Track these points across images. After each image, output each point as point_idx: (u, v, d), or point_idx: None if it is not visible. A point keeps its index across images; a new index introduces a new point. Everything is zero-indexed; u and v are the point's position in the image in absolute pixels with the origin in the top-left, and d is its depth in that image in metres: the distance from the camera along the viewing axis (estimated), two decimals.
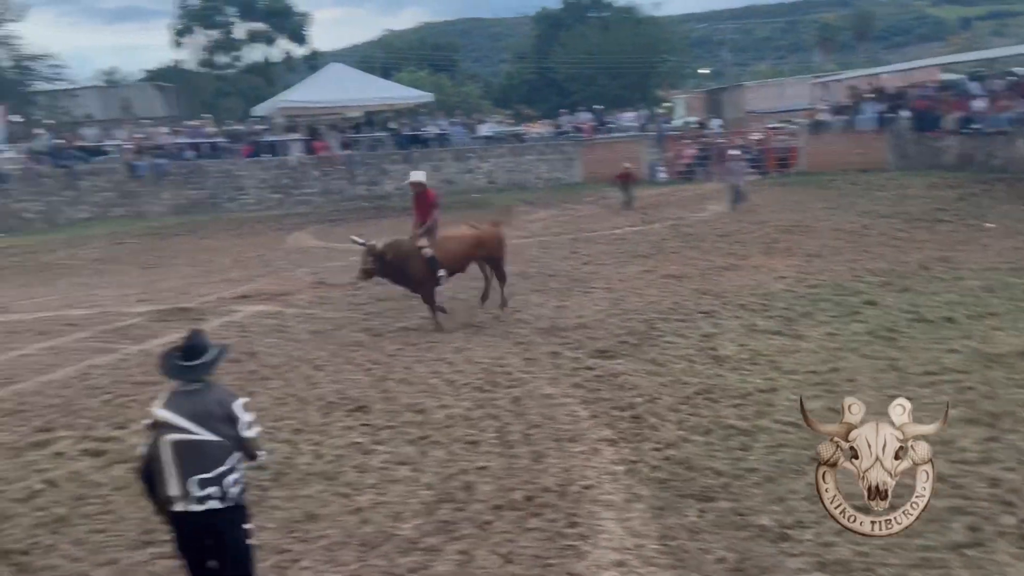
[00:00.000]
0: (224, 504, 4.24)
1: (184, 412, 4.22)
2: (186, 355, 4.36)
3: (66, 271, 18.33)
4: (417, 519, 5.73)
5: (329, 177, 31.20)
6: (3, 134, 29.38)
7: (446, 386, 8.74)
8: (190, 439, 4.19)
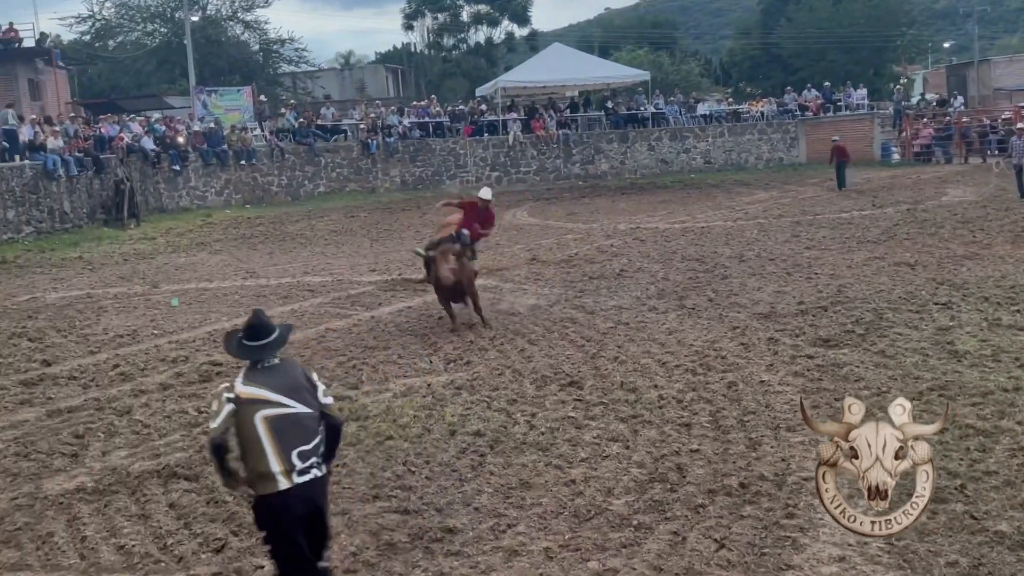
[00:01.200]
0: (323, 472, 4.23)
1: (273, 387, 4.16)
2: (255, 335, 4.25)
3: (305, 241, 19.78)
4: (629, 496, 5.76)
5: (545, 156, 31.69)
6: (252, 113, 31.99)
7: (658, 367, 8.69)
8: (286, 412, 4.12)
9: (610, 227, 19.45)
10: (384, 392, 8.28)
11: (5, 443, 7.29)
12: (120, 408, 8.07)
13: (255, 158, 28.53)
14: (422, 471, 6.41)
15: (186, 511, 5.87)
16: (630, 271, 13.89)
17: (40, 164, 21.86)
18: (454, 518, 5.57)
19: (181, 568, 5.12)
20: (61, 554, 5.38)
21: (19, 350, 10.36)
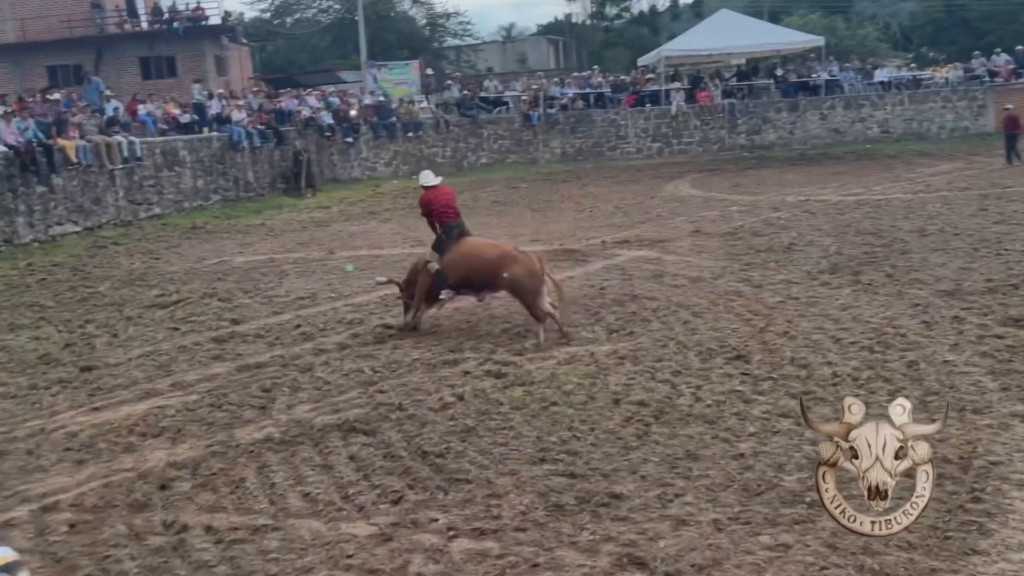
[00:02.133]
0: None
1: None
2: None
3: (469, 211, 20.03)
4: (801, 473, 5.62)
5: (709, 126, 30.98)
6: (419, 87, 32.85)
7: (832, 343, 8.39)
8: None
9: (778, 199, 18.84)
10: (548, 359, 8.39)
11: (200, 395, 7.87)
12: (303, 365, 8.56)
13: (421, 130, 29.33)
14: (587, 437, 6.48)
15: (365, 464, 6.18)
16: (800, 244, 13.43)
17: (226, 136, 23.31)
18: (620, 484, 5.62)
19: (362, 517, 5.41)
20: (253, 499, 5.78)
21: (210, 309, 11.14)
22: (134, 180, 19.97)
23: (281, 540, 5.16)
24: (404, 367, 8.39)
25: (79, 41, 32.15)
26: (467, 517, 5.30)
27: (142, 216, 19.98)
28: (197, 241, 17.40)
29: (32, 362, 9.15)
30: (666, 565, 4.61)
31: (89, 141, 18.83)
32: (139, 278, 13.53)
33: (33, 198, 17.26)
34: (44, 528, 5.49)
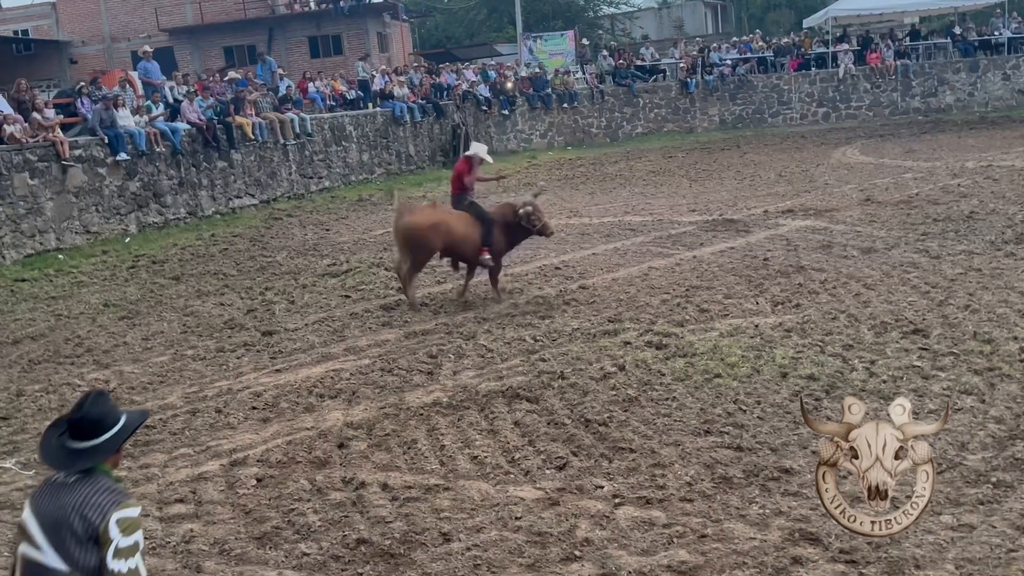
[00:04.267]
0: None
1: (42, 517, 2.86)
2: (75, 432, 2.93)
3: (625, 182, 20.07)
4: (986, 452, 5.34)
5: (880, 89, 29.41)
6: (574, 57, 32.73)
7: (1019, 317, 7.88)
8: (35, 560, 2.83)
9: (956, 165, 17.71)
10: (710, 331, 8.28)
11: (371, 359, 8.23)
12: (466, 333, 8.80)
13: (576, 101, 29.26)
14: (753, 410, 6.36)
15: (529, 430, 6.31)
16: (981, 213, 12.61)
17: (389, 111, 24.05)
18: (790, 459, 5.50)
19: (528, 481, 5.54)
20: (424, 459, 6.02)
21: (378, 278, 11.59)
22: (305, 155, 20.94)
23: (452, 500, 5.36)
24: (564, 336, 8.47)
25: (252, 22, 33.85)
26: (632, 485, 5.34)
27: (312, 189, 20.95)
28: (363, 212, 18.10)
29: (218, 326, 9.81)
30: (840, 542, 4.49)
31: (264, 118, 19.87)
32: (312, 248, 14.23)
33: (215, 173, 18.41)
34: (234, 482, 5.91)
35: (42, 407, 7.58)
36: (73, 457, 2.89)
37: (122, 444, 2.97)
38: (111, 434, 2.93)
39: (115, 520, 2.79)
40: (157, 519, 5.45)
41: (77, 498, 2.82)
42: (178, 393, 7.74)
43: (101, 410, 2.95)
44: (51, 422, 3.08)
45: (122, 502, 2.84)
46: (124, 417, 2.99)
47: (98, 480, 2.89)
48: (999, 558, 4.27)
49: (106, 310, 10.88)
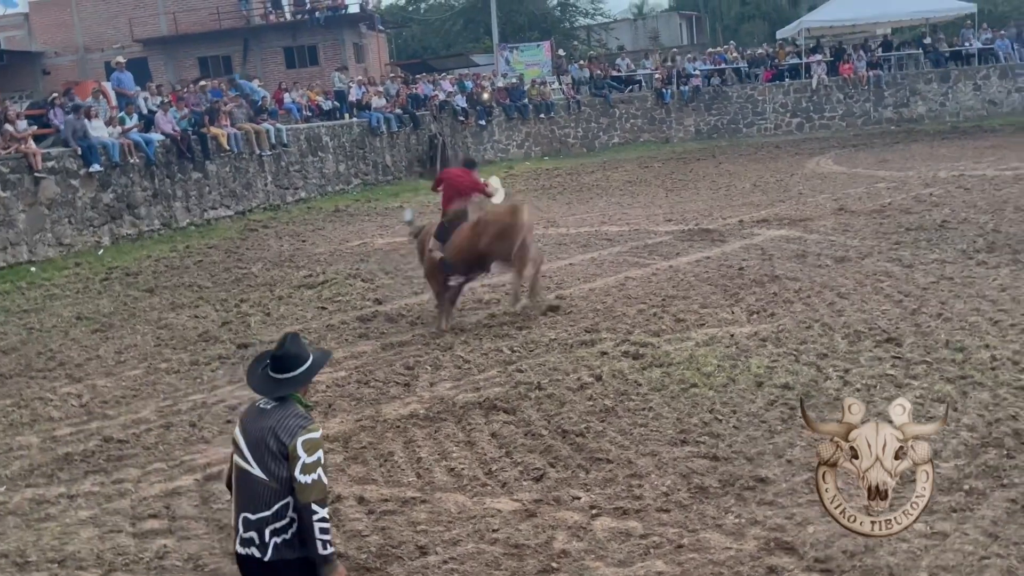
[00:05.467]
0: (264, 557, 3.40)
1: (248, 434, 3.48)
2: (275, 366, 3.52)
3: (601, 191, 20.14)
4: (958, 459, 5.39)
5: (853, 100, 29.71)
6: (549, 67, 32.85)
7: (990, 325, 7.97)
8: (244, 468, 3.45)
9: (928, 175, 17.92)
10: (686, 341, 8.31)
11: (348, 371, 8.20)
12: (443, 344, 8.78)
13: (553, 111, 29.36)
14: (729, 420, 6.40)
15: (507, 441, 6.31)
16: (953, 222, 12.75)
17: (365, 122, 24.02)
18: (765, 468, 5.53)
19: (505, 492, 5.53)
20: (400, 472, 6.00)
21: (355, 289, 11.56)
22: (281, 165, 20.86)
23: (429, 512, 5.34)
24: (541, 347, 8.48)
25: (227, 33, 33.69)
26: (609, 496, 5.35)
27: (288, 200, 20.87)
28: (340, 223, 18.04)
29: (193, 339, 9.74)
30: (815, 551, 4.52)
31: (239, 129, 19.78)
32: (288, 259, 14.16)
33: (189, 184, 18.29)
34: (208, 496, 5.87)
35: (13, 422, 7.49)
36: (273, 386, 3.50)
37: (311, 378, 3.60)
38: (303, 368, 3.53)
39: (301, 441, 3.35)
40: (130, 535, 5.39)
41: (273, 421, 3.42)
42: (152, 407, 7.67)
43: (297, 349, 3.56)
44: (256, 355, 3.73)
45: (307, 426, 3.40)
46: (312, 356, 3.59)
47: (290, 407, 3.47)
48: (972, 565, 4.31)
49: (79, 323, 10.78)
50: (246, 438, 3.46)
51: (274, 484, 3.37)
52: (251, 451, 3.42)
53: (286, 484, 3.36)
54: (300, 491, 3.33)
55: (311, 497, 3.33)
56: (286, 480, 3.36)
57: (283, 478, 3.36)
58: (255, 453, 3.40)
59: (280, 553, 3.38)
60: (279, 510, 3.37)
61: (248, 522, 3.42)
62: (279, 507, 3.37)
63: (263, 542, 3.39)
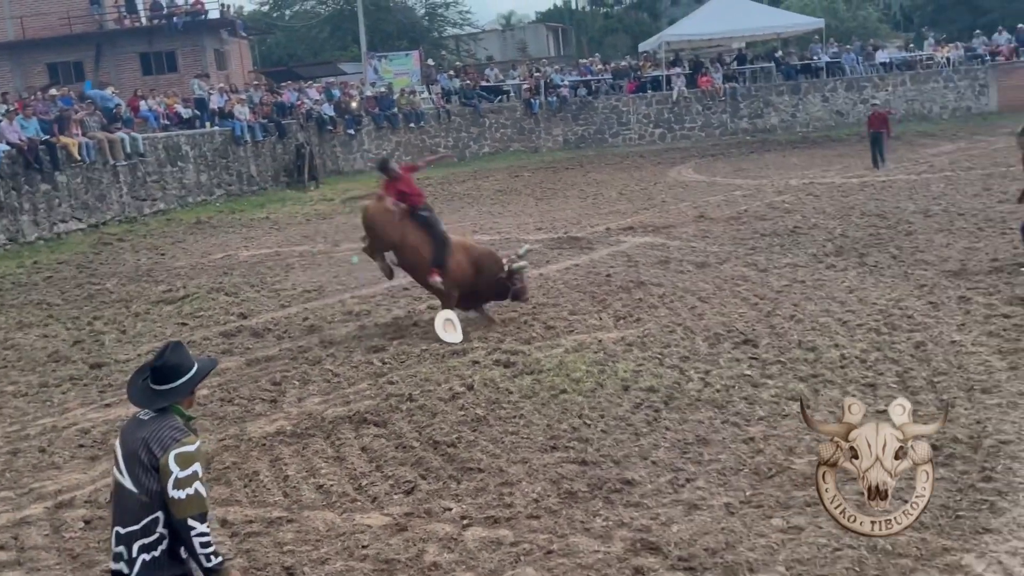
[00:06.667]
0: (130, 574, 3.27)
1: (124, 446, 3.36)
2: (155, 376, 3.39)
3: (472, 201, 20.22)
4: (812, 455, 5.64)
5: (711, 111, 30.88)
6: (419, 76, 32.78)
7: (839, 326, 8.41)
8: (119, 481, 3.34)
9: (781, 183, 18.80)
10: (556, 347, 8.42)
11: (211, 389, 7.90)
12: (311, 358, 8.59)
13: (423, 120, 29.29)
14: (597, 424, 6.50)
15: (377, 455, 6.22)
16: (804, 228, 13.42)
17: (228, 130, 23.31)
18: (632, 471, 5.65)
19: (376, 507, 5.44)
20: (266, 491, 5.81)
21: (218, 304, 11.17)
22: (137, 176, 19.99)
23: (296, 532, 5.20)
24: (413, 358, 8.41)
25: (79, 38, 32.07)
26: (480, 505, 5.34)
27: (146, 212, 20.01)
28: (202, 236, 17.43)
29: (42, 360, 9.20)
30: (679, 549, 4.64)
31: (92, 138, 18.84)
32: (145, 274, 13.57)
33: (37, 196, 17.29)
34: (60, 525, 5.54)
35: None
36: (151, 397, 3.39)
37: (194, 388, 3.47)
38: (184, 379, 3.41)
39: (174, 455, 3.23)
40: None
41: (147, 432, 3.31)
42: None
43: (178, 358, 3.43)
44: (138, 367, 3.62)
45: (181, 439, 3.28)
46: (197, 365, 3.47)
47: (167, 419, 3.35)
48: (826, 558, 4.52)
49: None
50: (123, 449, 3.36)
51: (144, 497, 3.26)
52: (125, 463, 3.33)
53: (156, 498, 3.24)
54: (175, 507, 3.22)
55: (187, 513, 3.21)
56: (156, 494, 3.24)
57: (154, 492, 3.24)
58: (128, 465, 3.31)
59: (148, 570, 3.27)
60: (148, 525, 3.26)
61: (119, 536, 3.32)
62: (148, 522, 3.26)
63: (131, 558, 3.28)
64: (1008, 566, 4.31)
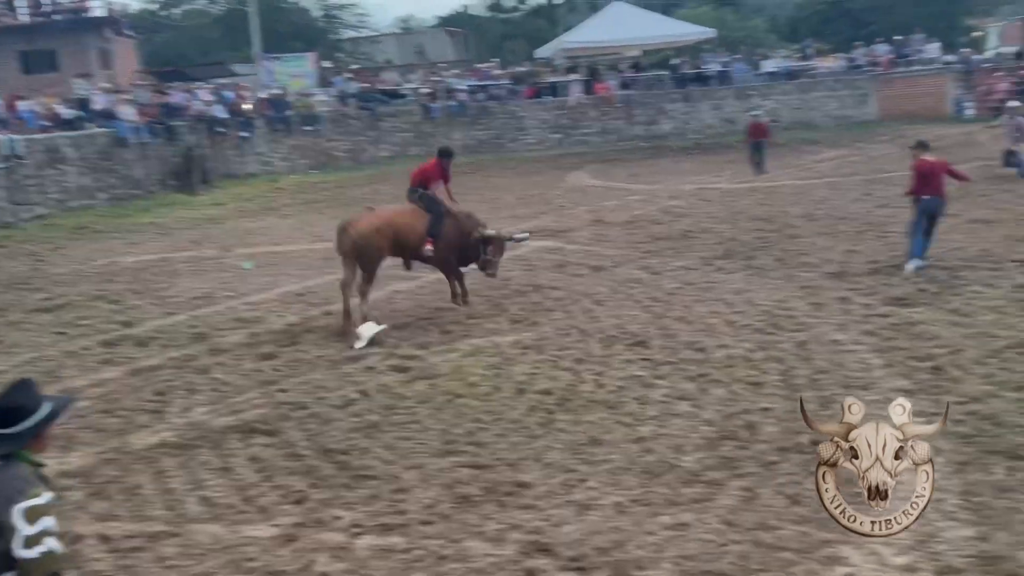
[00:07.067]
0: None
1: None
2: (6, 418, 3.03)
3: (371, 205, 19.93)
4: (699, 453, 5.78)
5: (607, 117, 31.33)
6: (315, 79, 32.24)
7: (726, 326, 8.65)
8: None
9: (674, 188, 19.23)
10: (452, 352, 8.39)
11: (91, 400, 7.57)
12: (199, 367, 8.33)
13: (319, 123, 28.81)
14: (492, 428, 6.51)
15: (266, 465, 6.07)
16: (696, 231, 13.76)
17: (113, 132, 22.43)
18: (526, 473, 5.67)
19: (264, 519, 5.31)
20: (149, 505, 5.60)
21: (99, 312, 10.71)
22: (14, 179, 19.01)
23: (179, 546, 5.03)
24: (306, 365, 8.26)
25: None
26: (372, 513, 5.27)
27: (24, 216, 19.02)
28: (84, 241, 16.70)
29: None
30: (571, 550, 4.67)
31: None
32: (22, 281, 12.90)
33: None
34: None
35: None
36: None
37: (43, 431, 3.06)
38: (31, 422, 3.02)
39: (20, 511, 2.87)
40: None
41: None
42: None
43: (19, 399, 3.05)
44: None
45: (27, 491, 2.91)
46: (47, 405, 3.09)
47: (14, 468, 2.98)
48: (712, 553, 4.62)
49: None
50: None
51: None
52: None
53: (4, 560, 2.90)
54: (26, 569, 2.88)
55: (40, 574, 2.89)
56: (3, 555, 2.89)
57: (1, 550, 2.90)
58: None
59: None
60: None
61: None
62: None
63: None
64: (883, 555, 4.50)
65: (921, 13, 44.47)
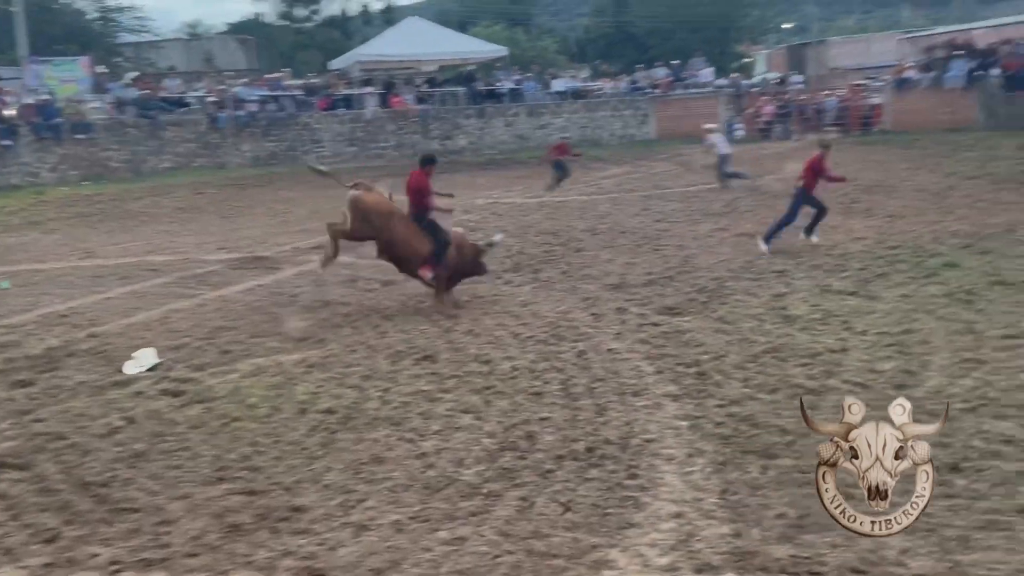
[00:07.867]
0: None
1: None
2: None
3: (149, 219, 18.91)
4: (479, 465, 5.82)
5: (403, 131, 31.35)
6: (89, 85, 30.19)
7: (512, 338, 8.80)
8: None
9: (468, 202, 19.41)
10: (232, 373, 8.04)
11: None
12: None
13: (93, 132, 26.97)
14: (270, 451, 6.27)
15: (15, 502, 5.54)
16: None
17: None
18: (302, 496, 5.49)
19: (9, 560, 4.84)
20: None
21: None
22: None
23: None
24: (66, 392, 7.64)
25: None
26: (133, 548, 4.92)
27: None
28: None
29: None
30: (345, 573, 4.56)
31: None
32: None
33: None
34: None
35: None
36: None
37: None
38: None
39: None
40: None
41: None
42: None
43: None
44: None
45: None
46: None
47: None
48: (486, 565, 4.65)
49: None
50: None
51: None
52: None
53: None
54: None
55: None
56: None
57: None
58: None
59: None
60: None
61: None
62: None
63: None
64: (647, 556, 4.69)
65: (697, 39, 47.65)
